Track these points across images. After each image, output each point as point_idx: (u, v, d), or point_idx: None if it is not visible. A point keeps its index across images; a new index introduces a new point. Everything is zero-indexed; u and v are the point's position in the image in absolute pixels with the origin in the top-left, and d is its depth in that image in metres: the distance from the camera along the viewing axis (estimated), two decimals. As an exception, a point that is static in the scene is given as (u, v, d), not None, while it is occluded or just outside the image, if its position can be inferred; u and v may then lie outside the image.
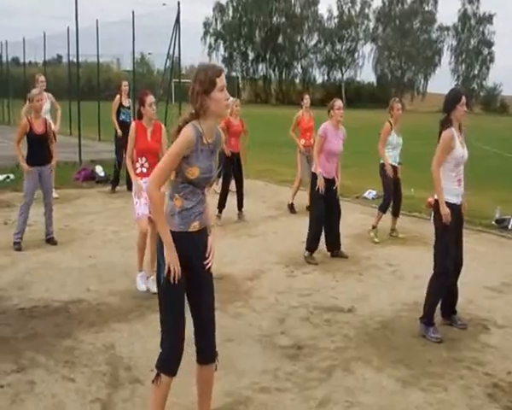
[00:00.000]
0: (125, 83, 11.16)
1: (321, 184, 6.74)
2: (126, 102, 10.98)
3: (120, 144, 10.67)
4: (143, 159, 5.61)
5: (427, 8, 73.77)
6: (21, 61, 27.82)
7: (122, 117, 10.89)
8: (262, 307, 5.39)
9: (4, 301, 5.34)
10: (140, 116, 5.73)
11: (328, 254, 7.09)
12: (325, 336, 4.79)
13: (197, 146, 2.98)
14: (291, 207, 9.57)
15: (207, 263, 3.15)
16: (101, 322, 4.91)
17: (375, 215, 8.01)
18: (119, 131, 10.77)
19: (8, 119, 26.85)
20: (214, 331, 3.26)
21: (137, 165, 5.65)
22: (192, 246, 3.08)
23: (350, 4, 74.70)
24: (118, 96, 10.95)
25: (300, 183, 9.68)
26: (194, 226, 3.07)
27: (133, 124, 5.74)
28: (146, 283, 5.63)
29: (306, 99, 9.76)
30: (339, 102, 6.95)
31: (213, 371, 3.30)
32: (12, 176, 11.47)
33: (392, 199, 7.91)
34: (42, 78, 10.19)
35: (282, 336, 4.77)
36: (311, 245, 6.90)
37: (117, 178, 10.94)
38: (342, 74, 75.82)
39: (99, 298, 5.48)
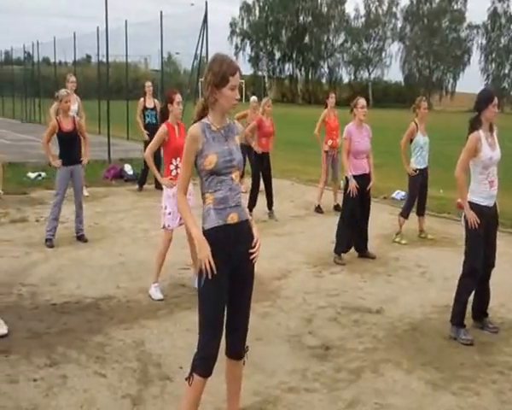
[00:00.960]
0: (148, 84, 11.19)
1: (352, 187, 6.69)
2: (150, 104, 10.99)
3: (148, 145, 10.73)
4: (178, 159, 5.50)
5: (456, 7, 72.65)
6: (52, 61, 28.35)
7: (147, 119, 10.90)
8: (290, 306, 5.39)
9: (37, 296, 5.45)
10: (165, 115, 5.70)
11: (356, 254, 7.05)
12: (353, 336, 4.77)
13: (206, 136, 2.98)
14: (318, 209, 9.53)
15: (252, 254, 3.09)
16: (131, 319, 4.97)
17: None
18: (144, 134, 10.71)
19: (40, 118, 27.37)
20: (247, 327, 3.25)
21: (172, 167, 5.57)
22: (232, 239, 3.02)
23: (377, 3, 74.08)
24: (142, 99, 11.00)
25: (325, 183, 9.65)
26: (232, 218, 3.02)
27: (164, 126, 5.62)
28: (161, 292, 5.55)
29: (332, 98, 9.69)
30: (362, 101, 6.89)
31: (242, 366, 3.30)
32: (44, 174, 11.69)
33: (413, 205, 7.80)
34: (72, 78, 10.33)
35: (310, 336, 4.76)
36: (340, 247, 6.88)
37: (144, 178, 11.04)
38: (369, 74, 75.23)
39: (129, 295, 5.55)
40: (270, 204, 9.05)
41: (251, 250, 3.09)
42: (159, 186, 9.78)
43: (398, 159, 8.00)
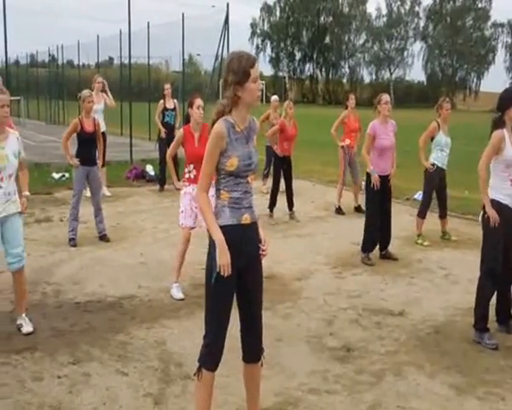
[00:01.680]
0: (166, 86, 11.32)
1: (375, 179, 6.63)
2: (170, 104, 11.13)
3: (163, 143, 10.89)
4: (191, 166, 5.59)
5: (480, 5, 71.65)
6: (75, 63, 28.74)
7: (166, 119, 11.09)
8: (310, 307, 5.37)
9: (61, 295, 5.53)
10: (188, 119, 5.75)
11: (378, 255, 6.98)
12: (375, 339, 4.73)
13: (230, 136, 2.99)
14: (339, 210, 9.49)
15: (262, 253, 3.14)
16: (153, 318, 5.01)
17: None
18: (162, 132, 10.95)
19: (64, 119, 27.75)
20: (261, 328, 3.25)
21: (186, 170, 5.65)
22: (245, 239, 3.06)
23: (399, 2, 73.41)
24: (161, 101, 11.15)
25: (343, 183, 9.60)
26: (246, 219, 3.06)
27: (181, 130, 5.71)
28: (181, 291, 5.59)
29: (352, 99, 9.62)
30: (385, 97, 6.83)
31: (259, 368, 3.30)
32: (67, 174, 11.81)
33: (429, 204, 7.71)
34: (99, 79, 10.50)
35: (331, 337, 4.74)
36: (366, 246, 6.84)
37: (164, 178, 11.12)
38: (391, 73, 74.57)
39: (150, 294, 5.60)
40: (290, 205, 9.04)
41: (262, 248, 3.12)
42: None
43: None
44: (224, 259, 2.94)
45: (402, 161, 13.08)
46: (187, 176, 5.66)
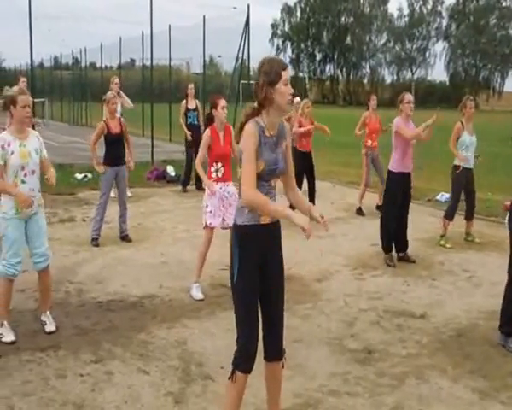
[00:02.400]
0: (190, 86, 11.43)
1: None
2: (192, 105, 11.22)
3: (189, 145, 10.97)
4: (219, 164, 5.61)
5: (504, 4, 70.68)
6: (98, 65, 29.07)
7: (189, 120, 11.18)
8: (331, 309, 5.35)
9: (84, 294, 5.60)
10: (210, 119, 5.74)
11: (395, 256, 6.91)
12: (396, 341, 4.69)
13: (260, 140, 3.00)
14: (359, 211, 9.44)
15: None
16: (174, 318, 5.04)
17: (448, 219, 7.76)
18: (188, 134, 11.04)
19: (86, 121, 28.11)
20: (283, 328, 3.25)
21: (212, 169, 5.65)
22: (263, 239, 3.08)
23: (421, 2, 72.86)
24: (184, 102, 11.25)
25: (366, 185, 9.56)
26: (265, 219, 3.07)
27: (208, 131, 5.68)
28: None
29: (373, 100, 9.59)
30: (408, 96, 6.76)
31: (281, 368, 3.29)
32: (90, 175, 11.98)
33: (458, 206, 7.62)
34: (116, 80, 10.65)
35: (352, 339, 4.72)
36: (385, 245, 6.80)
37: (187, 179, 11.20)
38: (412, 74, 74.02)
39: (171, 294, 5.63)
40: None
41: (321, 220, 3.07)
42: (200, 187, 9.93)
43: (442, 160, 7.86)
44: (301, 218, 2.94)
45: (423, 162, 13.02)
46: (214, 175, 5.64)
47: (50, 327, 4.70)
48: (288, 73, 3.01)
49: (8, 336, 4.49)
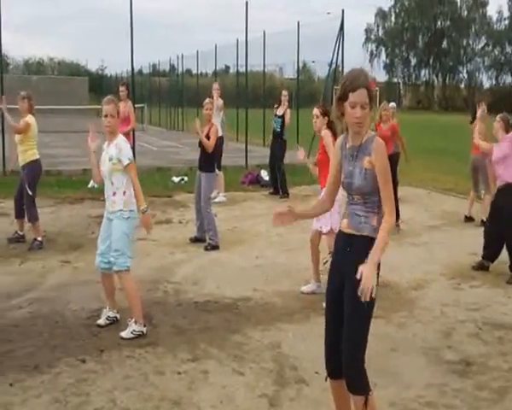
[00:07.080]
0: (284, 93, 11.49)
1: None
2: (280, 111, 11.22)
3: (272, 150, 11.24)
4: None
5: None
6: (194, 72, 30.13)
7: (273, 125, 11.37)
8: (427, 318, 5.21)
9: (181, 294, 5.82)
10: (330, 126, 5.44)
11: (499, 269, 6.59)
12: (496, 354, 4.49)
13: (343, 151, 3.05)
14: (467, 219, 9.09)
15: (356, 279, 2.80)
16: (268, 321, 5.12)
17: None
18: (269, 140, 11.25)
19: (183, 126, 29.17)
20: (351, 348, 2.99)
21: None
22: (342, 247, 3.05)
23: (523, 4, 68.59)
24: (275, 106, 11.40)
25: (475, 194, 9.19)
26: (343, 223, 3.07)
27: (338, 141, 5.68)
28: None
29: (482, 107, 9.11)
30: None
31: (345, 387, 3.05)
32: (186, 178, 12.41)
33: None
34: (216, 85, 10.96)
35: (449, 350, 4.57)
36: (487, 255, 6.58)
37: (285, 185, 11.13)
38: (513, 78, 69.83)
39: (265, 297, 5.73)
40: (396, 215, 8.70)
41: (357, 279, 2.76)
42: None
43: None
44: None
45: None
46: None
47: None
48: (358, 96, 2.83)
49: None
